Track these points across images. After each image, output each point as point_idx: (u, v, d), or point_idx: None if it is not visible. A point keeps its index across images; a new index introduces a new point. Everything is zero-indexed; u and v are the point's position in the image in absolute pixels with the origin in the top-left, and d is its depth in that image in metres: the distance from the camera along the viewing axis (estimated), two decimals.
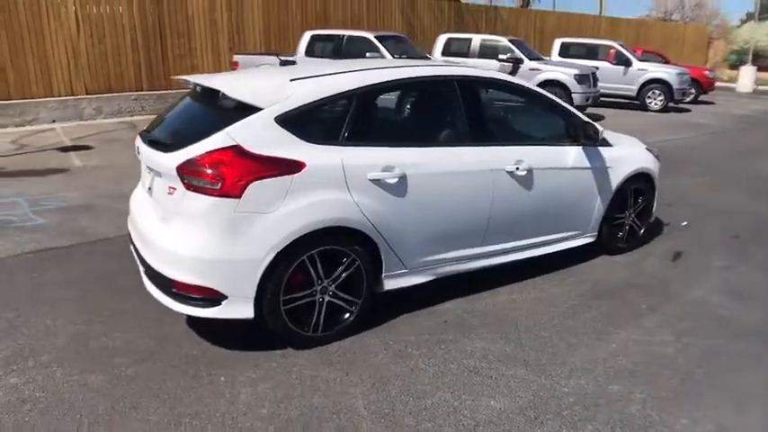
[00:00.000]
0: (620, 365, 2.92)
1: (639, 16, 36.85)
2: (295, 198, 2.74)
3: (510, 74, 11.47)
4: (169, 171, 2.76)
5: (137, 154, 3.22)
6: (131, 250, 3.28)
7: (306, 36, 11.00)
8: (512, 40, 12.66)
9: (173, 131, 3.11)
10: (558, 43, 14.64)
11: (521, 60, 11.97)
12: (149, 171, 3.11)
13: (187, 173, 2.68)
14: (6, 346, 2.94)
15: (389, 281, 3.20)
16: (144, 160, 3.16)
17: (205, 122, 2.96)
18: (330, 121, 3.05)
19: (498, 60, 11.92)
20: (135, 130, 8.42)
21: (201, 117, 3.11)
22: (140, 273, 3.07)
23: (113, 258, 4.00)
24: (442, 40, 13.23)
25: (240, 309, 2.75)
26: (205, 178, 2.64)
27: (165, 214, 2.88)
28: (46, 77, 9.82)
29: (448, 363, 2.89)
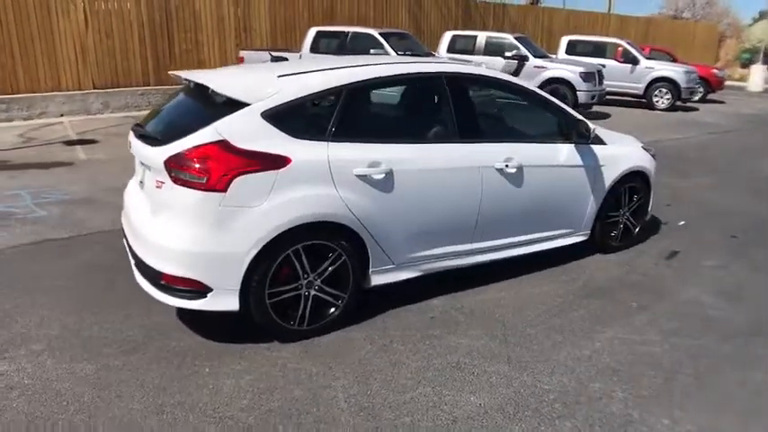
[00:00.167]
0: (603, 364, 2.92)
1: (650, 14, 36.55)
2: (280, 193, 2.77)
3: (515, 71, 11.46)
4: (158, 165, 2.80)
5: (129, 148, 3.27)
6: (124, 243, 3.33)
7: (311, 32, 11.04)
8: (517, 37, 12.59)
9: (163, 126, 3.16)
10: (565, 41, 14.53)
11: (526, 58, 11.92)
12: (141, 165, 3.16)
13: (174, 166, 2.72)
14: (0, 335, 3.00)
15: (377, 276, 3.22)
16: (135, 154, 3.21)
17: (195, 117, 3.00)
18: (317, 116, 3.07)
19: (503, 58, 11.88)
20: None
21: (192, 112, 3.16)
22: (131, 265, 3.12)
23: (110, 251, 4.05)
24: (447, 37, 13.20)
25: (225, 301, 2.79)
26: (192, 172, 2.68)
27: (155, 207, 2.93)
28: (54, 72, 9.95)
29: (431, 358, 2.91)
